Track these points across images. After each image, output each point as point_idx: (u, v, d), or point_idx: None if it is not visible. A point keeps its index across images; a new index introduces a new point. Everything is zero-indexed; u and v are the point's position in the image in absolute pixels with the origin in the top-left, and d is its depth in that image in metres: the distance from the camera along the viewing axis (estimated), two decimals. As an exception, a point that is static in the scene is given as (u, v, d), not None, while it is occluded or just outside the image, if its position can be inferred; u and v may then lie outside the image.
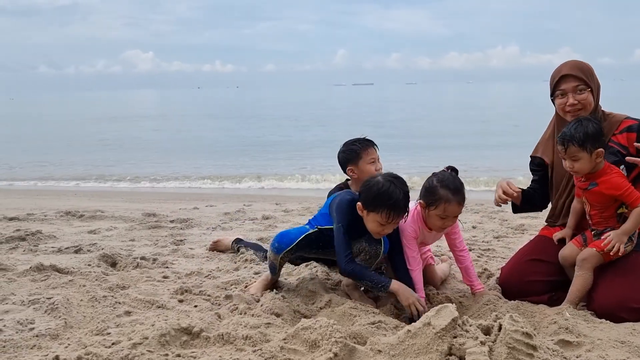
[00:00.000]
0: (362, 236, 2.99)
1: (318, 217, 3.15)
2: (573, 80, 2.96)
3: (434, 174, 3.02)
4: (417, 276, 3.03)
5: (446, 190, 2.90)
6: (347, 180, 3.67)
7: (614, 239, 2.79)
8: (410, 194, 2.92)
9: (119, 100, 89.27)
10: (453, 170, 3.03)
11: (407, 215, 2.94)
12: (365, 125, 25.06)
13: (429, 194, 2.95)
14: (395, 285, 2.87)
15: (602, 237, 2.86)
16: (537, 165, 3.29)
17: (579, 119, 2.85)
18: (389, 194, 2.79)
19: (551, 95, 3.08)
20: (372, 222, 2.87)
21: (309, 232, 3.06)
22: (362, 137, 3.53)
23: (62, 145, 19.54)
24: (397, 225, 2.96)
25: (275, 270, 3.19)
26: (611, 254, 2.81)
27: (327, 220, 3.08)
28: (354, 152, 3.47)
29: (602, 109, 3.07)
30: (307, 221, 3.23)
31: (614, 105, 3.23)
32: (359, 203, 2.91)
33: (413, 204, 3.04)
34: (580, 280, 2.86)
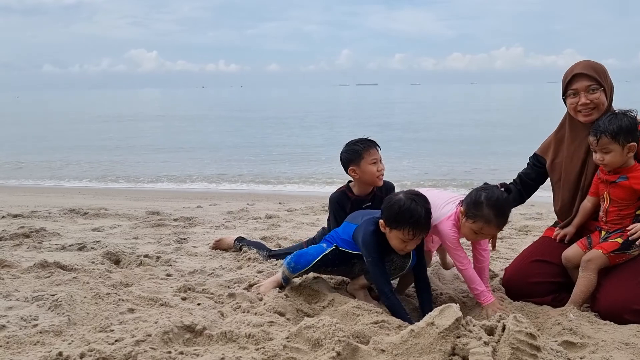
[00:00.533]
0: (393, 251, 2.98)
1: (337, 239, 3.14)
2: (586, 80, 2.91)
3: (485, 188, 2.89)
4: (472, 274, 2.97)
5: (490, 210, 2.78)
6: (349, 182, 3.64)
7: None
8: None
9: (123, 99, 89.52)
10: (506, 189, 2.92)
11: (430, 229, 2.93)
12: (376, 126, 25.07)
13: (473, 206, 2.84)
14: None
15: (610, 239, 2.84)
16: (540, 163, 3.27)
17: (614, 113, 2.84)
18: (410, 212, 2.78)
19: (563, 95, 3.02)
20: (395, 239, 2.87)
21: (327, 252, 3.08)
22: (364, 137, 3.51)
23: (66, 143, 19.59)
24: (419, 242, 2.95)
25: (287, 282, 3.18)
26: (638, 242, 2.78)
27: (348, 245, 3.10)
28: (356, 152, 3.42)
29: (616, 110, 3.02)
30: (323, 239, 3.24)
31: (620, 108, 3.21)
32: (381, 221, 2.91)
33: (454, 206, 2.98)
34: (584, 282, 2.85)
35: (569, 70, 3.01)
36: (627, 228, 2.82)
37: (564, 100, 3.03)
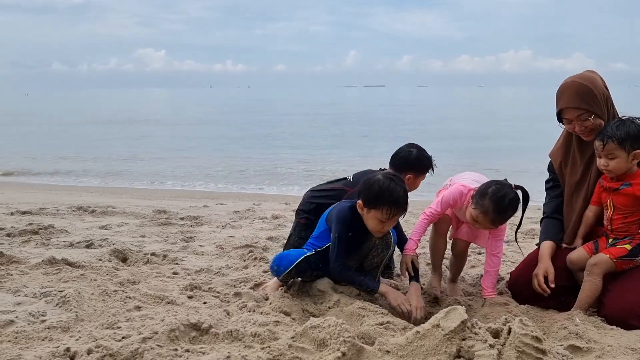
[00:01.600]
0: (370, 235, 3.03)
1: (314, 242, 3.14)
2: (575, 111, 2.90)
3: (498, 183, 2.94)
4: (420, 225, 3.16)
5: (491, 203, 2.85)
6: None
7: None
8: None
9: (131, 99, 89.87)
10: (523, 192, 2.94)
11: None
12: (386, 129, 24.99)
13: (479, 194, 2.92)
14: (384, 287, 3.00)
15: (618, 245, 2.83)
16: (554, 173, 3.25)
17: (622, 119, 2.82)
18: (390, 191, 2.85)
19: (558, 119, 3.01)
20: (372, 219, 2.92)
21: (308, 254, 3.02)
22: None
23: (75, 141, 19.71)
24: (395, 223, 3.03)
25: (285, 283, 3.13)
26: None
27: (324, 240, 3.09)
28: (424, 165, 3.45)
29: (619, 114, 3.00)
30: (303, 246, 3.19)
31: (628, 113, 3.18)
32: (359, 202, 2.95)
33: (473, 184, 3.08)
34: (589, 286, 2.84)
35: (558, 93, 2.97)
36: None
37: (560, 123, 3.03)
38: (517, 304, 3.03)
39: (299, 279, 3.05)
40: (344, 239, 2.97)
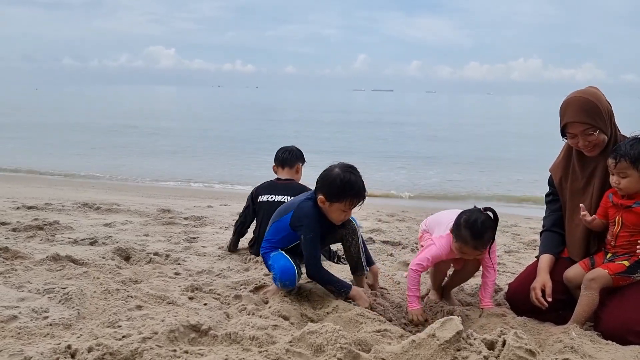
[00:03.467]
0: (334, 226, 3.20)
1: (276, 243, 3.26)
2: (579, 126, 2.89)
3: (466, 212, 3.06)
4: (413, 279, 3.15)
5: (468, 232, 2.97)
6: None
7: None
8: None
9: (141, 96, 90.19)
10: (492, 212, 3.04)
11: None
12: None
13: (455, 227, 3.05)
14: (354, 291, 3.12)
15: (616, 260, 2.83)
16: (554, 187, 3.26)
17: (637, 138, 2.80)
18: (351, 184, 3.03)
19: (561, 134, 3.02)
20: (335, 211, 3.08)
21: (283, 254, 3.20)
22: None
23: (82, 138, 19.83)
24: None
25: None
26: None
27: (288, 241, 3.24)
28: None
29: (621, 133, 3.01)
30: (265, 249, 3.32)
31: (637, 126, 3.16)
32: (320, 197, 3.08)
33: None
34: (586, 300, 2.84)
35: (562, 108, 2.96)
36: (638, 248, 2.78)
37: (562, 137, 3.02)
38: (514, 316, 3.05)
39: (302, 284, 3.11)
40: (316, 238, 3.12)
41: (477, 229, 2.96)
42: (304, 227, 3.11)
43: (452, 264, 3.39)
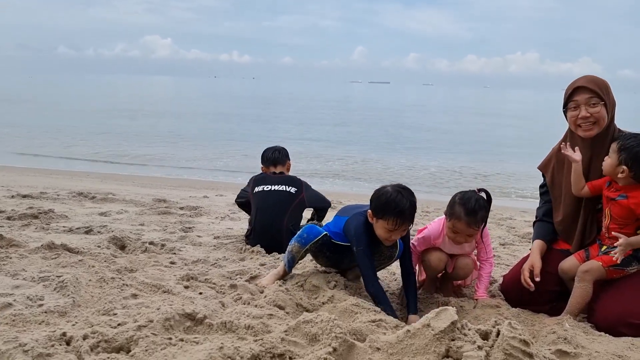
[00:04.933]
0: (380, 242, 3.12)
1: (329, 230, 3.30)
2: (587, 92, 2.88)
3: (461, 191, 3.19)
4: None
5: (461, 208, 3.07)
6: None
7: (622, 245, 2.77)
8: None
9: (137, 86, 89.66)
10: (486, 193, 3.15)
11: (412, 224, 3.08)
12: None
13: (448, 207, 3.16)
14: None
15: (610, 253, 2.84)
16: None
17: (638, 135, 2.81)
18: (396, 203, 2.95)
19: (564, 107, 3.00)
20: (380, 228, 3.02)
21: (324, 233, 3.24)
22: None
23: (77, 127, 19.72)
24: (404, 233, 3.10)
25: (292, 263, 3.30)
26: (614, 259, 2.80)
27: (339, 238, 3.25)
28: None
29: (618, 127, 3.00)
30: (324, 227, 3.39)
31: (634, 120, 3.17)
32: (369, 211, 3.06)
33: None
34: (579, 292, 2.86)
35: (571, 83, 2.99)
36: (617, 244, 2.79)
37: (565, 113, 3.00)
38: (508, 307, 3.08)
39: (298, 274, 3.08)
40: (367, 251, 3.06)
41: (470, 206, 3.05)
42: (354, 240, 3.10)
43: (446, 260, 3.37)
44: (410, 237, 3.30)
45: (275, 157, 4.65)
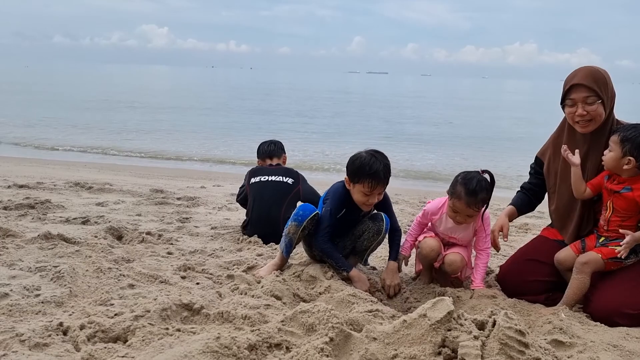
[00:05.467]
0: (365, 216, 3.28)
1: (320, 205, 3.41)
2: (584, 91, 2.85)
3: (464, 171, 3.21)
4: (413, 230, 3.46)
5: (462, 188, 3.08)
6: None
7: (629, 242, 2.76)
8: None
9: (134, 76, 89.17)
10: (490, 175, 3.15)
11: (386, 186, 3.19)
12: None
13: (451, 185, 3.17)
14: (354, 272, 3.17)
15: (609, 246, 2.84)
16: (541, 167, 3.26)
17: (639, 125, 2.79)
18: (370, 166, 3.06)
19: (561, 103, 2.98)
20: (357, 192, 3.14)
21: (317, 212, 3.31)
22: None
23: (74, 116, 19.63)
24: (381, 197, 3.20)
25: (290, 248, 3.32)
26: (619, 255, 2.80)
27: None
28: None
29: (617, 118, 2.99)
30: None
31: (632, 111, 3.16)
32: (346, 177, 3.18)
33: None
34: (577, 284, 2.87)
35: (569, 77, 2.96)
36: (624, 242, 2.78)
37: (563, 107, 2.99)
38: (505, 297, 3.09)
39: (295, 264, 3.10)
40: (334, 213, 3.22)
41: (472, 186, 3.05)
42: (328, 201, 3.26)
43: (438, 250, 3.36)
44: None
45: (270, 149, 4.65)
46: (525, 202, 3.37)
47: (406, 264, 3.48)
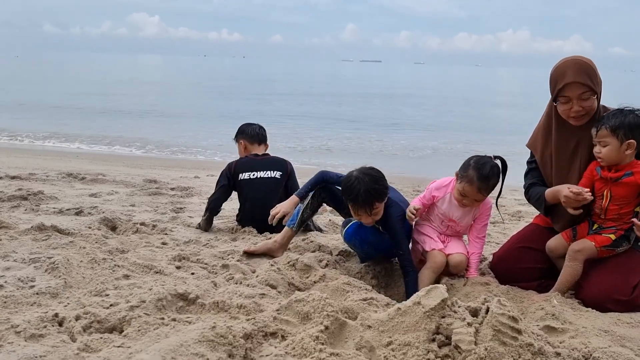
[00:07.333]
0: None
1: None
2: (579, 88, 2.77)
3: (477, 155, 3.16)
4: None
5: (475, 172, 3.03)
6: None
7: None
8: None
9: (126, 65, 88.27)
10: (502, 161, 3.13)
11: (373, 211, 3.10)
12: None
13: (462, 168, 3.12)
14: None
15: (603, 233, 2.85)
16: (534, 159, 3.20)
17: (620, 110, 2.77)
18: (351, 189, 3.04)
19: (553, 100, 2.89)
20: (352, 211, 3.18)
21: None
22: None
23: (65, 107, 19.46)
24: (377, 217, 3.13)
25: (295, 217, 3.47)
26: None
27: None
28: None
29: (602, 103, 2.94)
30: None
31: (623, 98, 3.13)
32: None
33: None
34: (570, 271, 2.88)
35: (558, 72, 2.84)
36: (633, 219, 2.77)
37: (554, 102, 2.88)
38: (498, 284, 3.11)
39: (290, 253, 3.12)
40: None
41: (485, 172, 3.02)
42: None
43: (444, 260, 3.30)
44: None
45: (261, 134, 4.47)
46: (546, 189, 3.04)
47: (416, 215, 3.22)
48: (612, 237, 2.85)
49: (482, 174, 3.01)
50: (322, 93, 32.43)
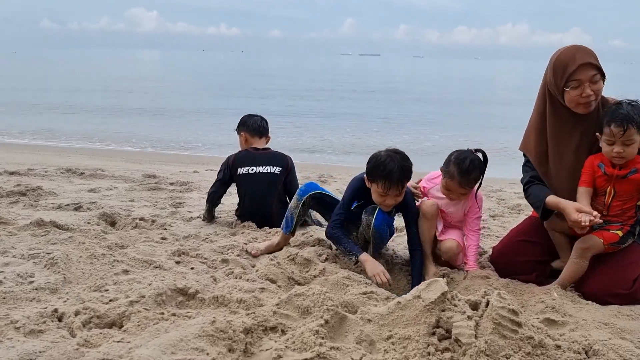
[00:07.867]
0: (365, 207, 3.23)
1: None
2: (591, 69, 2.71)
3: (458, 150, 3.20)
4: None
5: (455, 167, 3.08)
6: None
7: None
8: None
9: (124, 60, 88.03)
10: (482, 154, 3.17)
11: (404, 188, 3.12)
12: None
13: (444, 164, 3.18)
14: (364, 256, 3.09)
15: (611, 230, 2.81)
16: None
17: (631, 103, 2.70)
18: (384, 165, 2.99)
19: (563, 86, 2.76)
20: (374, 192, 3.10)
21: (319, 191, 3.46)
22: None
23: (63, 103, 19.41)
24: (399, 199, 3.10)
25: (290, 223, 3.41)
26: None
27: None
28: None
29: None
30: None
31: (623, 90, 3.11)
32: (365, 175, 3.13)
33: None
34: (575, 268, 2.85)
35: (567, 56, 2.77)
36: None
37: (562, 91, 2.78)
38: (498, 277, 3.11)
39: (289, 248, 3.11)
40: (346, 204, 3.23)
41: (465, 166, 3.06)
42: (345, 190, 3.32)
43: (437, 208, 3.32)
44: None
45: (263, 126, 4.40)
46: (547, 189, 2.97)
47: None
48: (620, 233, 2.82)
49: (462, 169, 3.06)
50: (320, 88, 32.35)
